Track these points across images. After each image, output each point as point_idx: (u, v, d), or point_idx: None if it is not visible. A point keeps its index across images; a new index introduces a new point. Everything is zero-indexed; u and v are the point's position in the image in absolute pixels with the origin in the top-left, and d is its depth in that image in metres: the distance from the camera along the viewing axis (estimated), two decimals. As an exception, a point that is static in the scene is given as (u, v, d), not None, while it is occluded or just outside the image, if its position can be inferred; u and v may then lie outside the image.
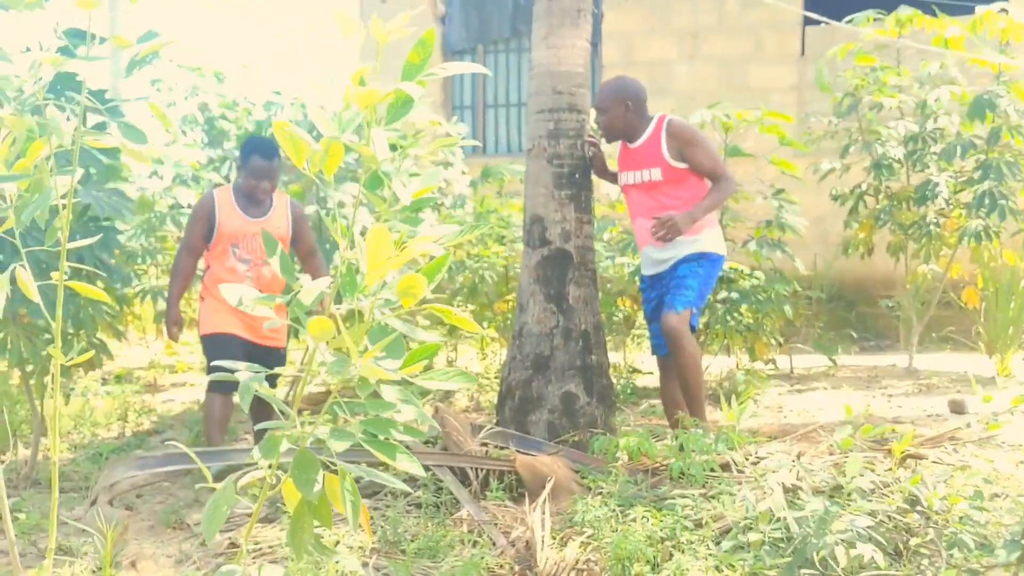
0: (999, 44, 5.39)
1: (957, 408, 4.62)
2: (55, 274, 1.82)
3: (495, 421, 4.01)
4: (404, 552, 2.87)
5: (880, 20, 5.70)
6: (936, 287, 5.93)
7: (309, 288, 1.59)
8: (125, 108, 4.22)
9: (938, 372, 5.76)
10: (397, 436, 1.60)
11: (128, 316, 5.92)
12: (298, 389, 1.74)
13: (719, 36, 8.50)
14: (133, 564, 2.88)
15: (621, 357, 5.79)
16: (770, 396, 5.17)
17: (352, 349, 1.56)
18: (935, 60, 5.61)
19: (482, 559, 2.73)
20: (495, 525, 3.08)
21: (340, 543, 2.89)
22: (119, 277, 4.04)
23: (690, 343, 3.79)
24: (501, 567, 2.77)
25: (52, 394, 3.66)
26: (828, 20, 5.85)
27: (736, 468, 3.36)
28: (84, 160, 3.49)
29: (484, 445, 3.63)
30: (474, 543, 2.94)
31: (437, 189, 5.82)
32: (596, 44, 8.38)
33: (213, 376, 1.77)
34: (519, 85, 9.44)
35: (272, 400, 1.66)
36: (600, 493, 3.19)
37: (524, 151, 4.17)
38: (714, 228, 3.98)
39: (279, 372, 1.73)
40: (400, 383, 1.63)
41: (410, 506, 3.31)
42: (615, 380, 4.71)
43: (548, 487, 3.22)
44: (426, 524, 3.10)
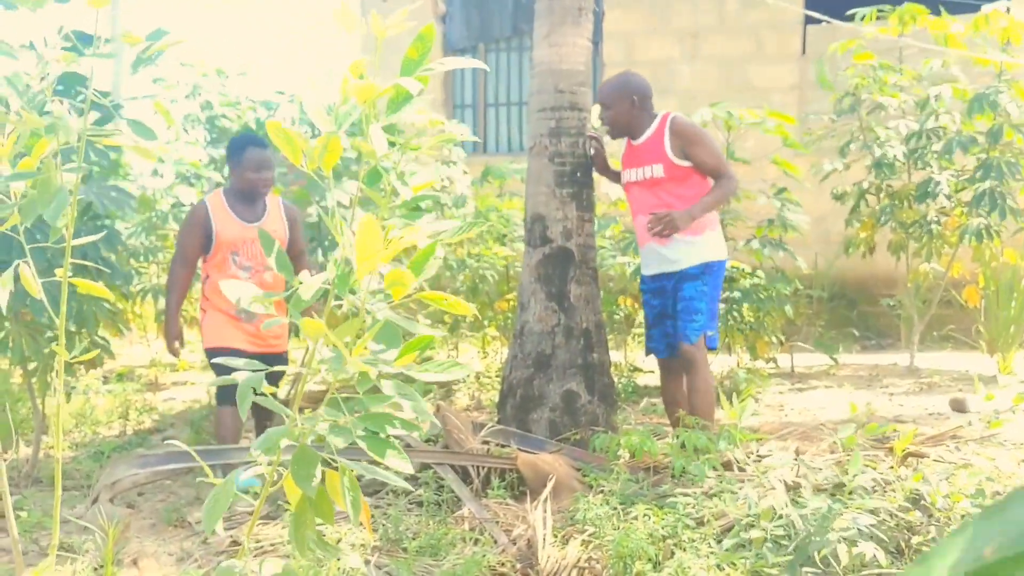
0: (1000, 43, 5.39)
1: (958, 407, 4.62)
2: (59, 271, 1.81)
3: (496, 419, 4.01)
4: (406, 550, 2.87)
5: (883, 15, 5.70)
6: (937, 286, 5.93)
7: (308, 284, 1.59)
8: (127, 106, 4.22)
9: (939, 371, 5.76)
10: (394, 431, 1.60)
11: (129, 314, 5.93)
12: (299, 387, 1.74)
13: (720, 35, 8.49)
14: (135, 562, 2.88)
15: (622, 355, 5.80)
16: (771, 395, 5.17)
17: (340, 345, 1.55)
18: (937, 58, 5.61)
19: (484, 557, 2.73)
20: (496, 523, 3.08)
21: (342, 541, 2.89)
22: (121, 275, 4.04)
23: (704, 367, 3.76)
24: (503, 565, 2.76)
25: (55, 392, 3.66)
26: (829, 19, 5.84)
27: (737, 466, 3.37)
28: (86, 158, 3.49)
29: (485, 443, 3.63)
30: (476, 541, 2.94)
31: (440, 188, 5.82)
32: (597, 43, 8.38)
33: (219, 381, 1.76)
34: (520, 84, 9.43)
35: (269, 402, 1.66)
36: (601, 491, 3.18)
37: (525, 150, 4.17)
38: (715, 230, 3.89)
39: (279, 370, 1.72)
40: (398, 378, 1.62)
41: (411, 504, 3.31)
42: (616, 378, 4.71)
43: (549, 485, 3.22)
44: (428, 522, 3.10)
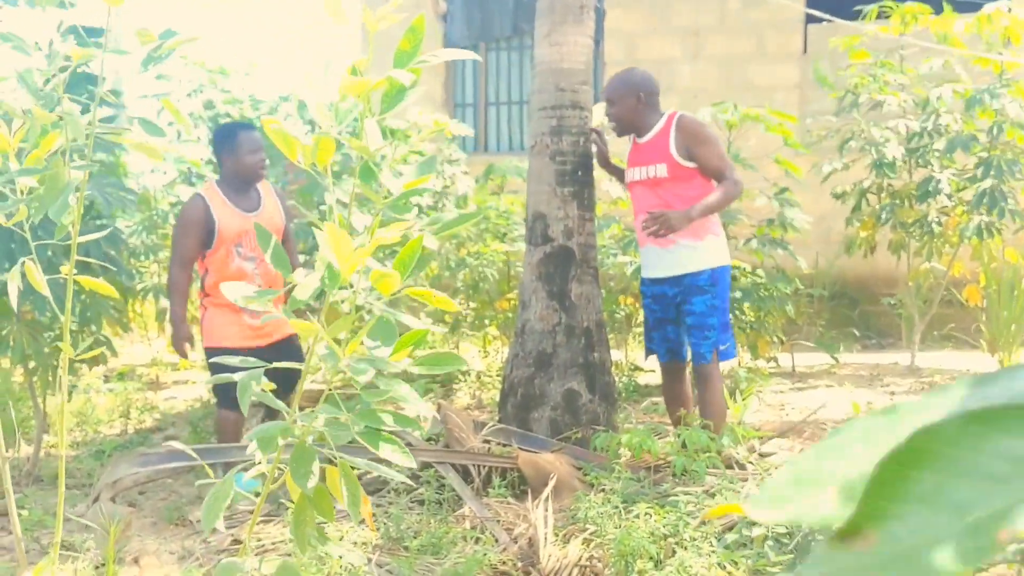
0: (1001, 42, 5.39)
1: (959, 406, 4.61)
2: (65, 267, 1.81)
3: (497, 418, 4.01)
4: (407, 548, 2.87)
5: (886, 12, 5.69)
6: (938, 285, 5.92)
7: (304, 284, 1.58)
8: (136, 105, 4.21)
9: (940, 370, 5.75)
10: (394, 428, 1.59)
11: (131, 313, 5.93)
12: (299, 385, 1.73)
13: (721, 34, 8.49)
14: (136, 560, 2.88)
15: (623, 354, 5.79)
16: (772, 394, 5.17)
17: (332, 343, 1.55)
18: (938, 57, 5.61)
19: (485, 556, 2.73)
20: (498, 522, 3.08)
21: (344, 539, 2.89)
22: (123, 273, 4.04)
23: (717, 382, 3.74)
24: (504, 564, 2.76)
25: (58, 390, 3.66)
26: (830, 17, 5.84)
27: (738, 465, 3.37)
28: (93, 155, 3.49)
29: (486, 442, 3.63)
30: (477, 540, 2.94)
31: (442, 188, 5.82)
32: (598, 42, 8.37)
33: (216, 379, 1.75)
34: (521, 83, 9.42)
35: (268, 399, 1.65)
36: (603, 490, 3.18)
37: (526, 148, 4.17)
38: (717, 235, 3.77)
39: (293, 366, 1.69)
40: (397, 375, 1.61)
41: (413, 503, 3.31)
42: (617, 377, 4.71)
43: (551, 484, 3.22)
44: (429, 521, 3.10)
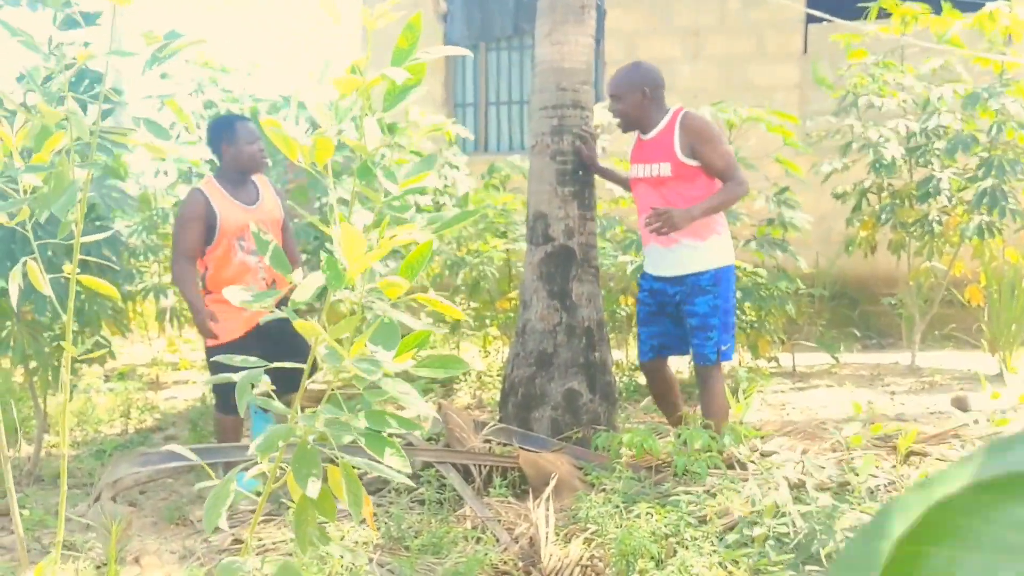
0: (1002, 41, 5.38)
1: (960, 405, 4.61)
2: (67, 267, 1.80)
3: (498, 418, 4.00)
4: (408, 548, 2.87)
5: (886, 13, 5.69)
6: (939, 285, 5.92)
7: (305, 284, 1.58)
8: (139, 104, 4.21)
9: (941, 370, 5.75)
10: (396, 430, 1.59)
11: (131, 313, 5.93)
12: (300, 386, 1.73)
13: (721, 34, 8.49)
14: (137, 560, 2.88)
15: (624, 354, 5.79)
16: (773, 393, 5.17)
17: (333, 344, 1.55)
18: (938, 57, 5.61)
19: (486, 556, 2.73)
20: (499, 522, 3.08)
21: (345, 539, 2.89)
22: (123, 274, 4.03)
23: (718, 384, 3.69)
24: (505, 563, 2.76)
25: (59, 390, 3.65)
26: (830, 17, 5.84)
27: (740, 464, 3.36)
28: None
29: (487, 442, 3.63)
30: (478, 539, 2.94)
31: (443, 188, 5.81)
32: (599, 41, 8.37)
33: (215, 379, 1.74)
34: (522, 82, 9.42)
35: (268, 403, 1.64)
36: (604, 490, 3.18)
37: (527, 148, 4.16)
38: (721, 236, 3.71)
39: (296, 365, 1.68)
40: (397, 376, 1.61)
41: (413, 502, 3.31)
42: (618, 377, 4.70)
43: (551, 484, 3.22)
44: (430, 520, 3.10)
